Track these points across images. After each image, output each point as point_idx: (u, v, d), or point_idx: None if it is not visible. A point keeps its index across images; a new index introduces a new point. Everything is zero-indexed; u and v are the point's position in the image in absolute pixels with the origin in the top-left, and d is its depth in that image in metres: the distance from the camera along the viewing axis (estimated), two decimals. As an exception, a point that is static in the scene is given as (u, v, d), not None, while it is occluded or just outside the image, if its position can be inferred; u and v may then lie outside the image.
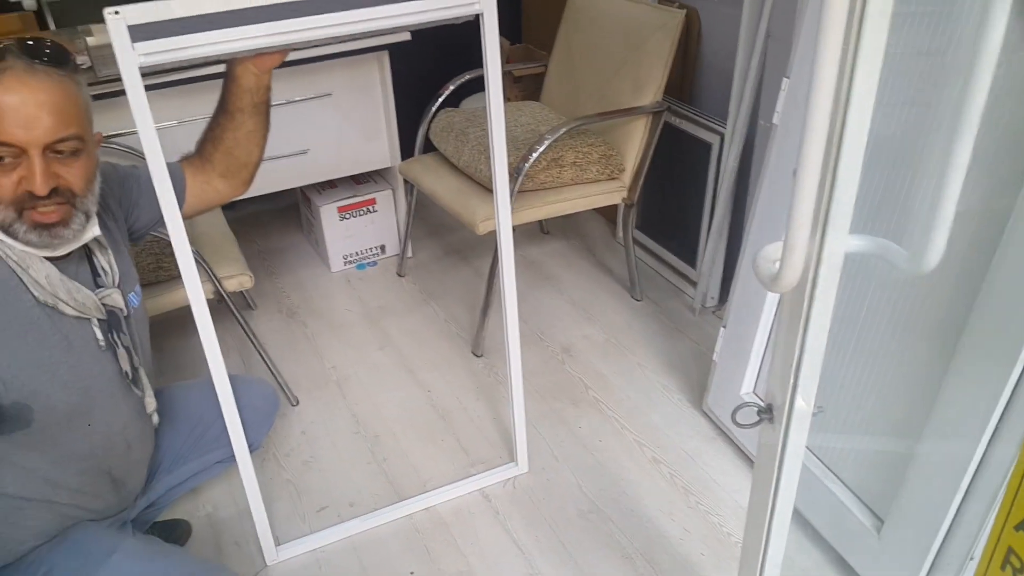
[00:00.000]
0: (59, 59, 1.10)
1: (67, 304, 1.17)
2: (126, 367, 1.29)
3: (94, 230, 1.19)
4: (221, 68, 1.33)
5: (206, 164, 1.40)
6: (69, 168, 1.12)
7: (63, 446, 1.22)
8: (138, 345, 1.34)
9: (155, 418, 1.41)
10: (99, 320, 1.23)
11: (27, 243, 1.11)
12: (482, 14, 1.31)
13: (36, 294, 1.13)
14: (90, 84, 2.00)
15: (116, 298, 1.26)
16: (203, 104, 1.43)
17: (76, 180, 1.13)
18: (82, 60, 2.15)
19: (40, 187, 1.08)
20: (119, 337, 1.27)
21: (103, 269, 1.25)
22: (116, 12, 1.09)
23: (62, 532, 1.27)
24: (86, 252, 1.24)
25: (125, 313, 1.29)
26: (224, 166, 1.40)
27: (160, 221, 1.41)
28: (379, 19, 1.25)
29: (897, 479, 1.35)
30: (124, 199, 1.37)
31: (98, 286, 1.24)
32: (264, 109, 1.36)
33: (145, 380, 1.36)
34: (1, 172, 1.07)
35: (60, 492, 1.25)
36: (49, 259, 1.15)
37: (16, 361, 1.12)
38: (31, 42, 1.08)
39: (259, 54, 1.25)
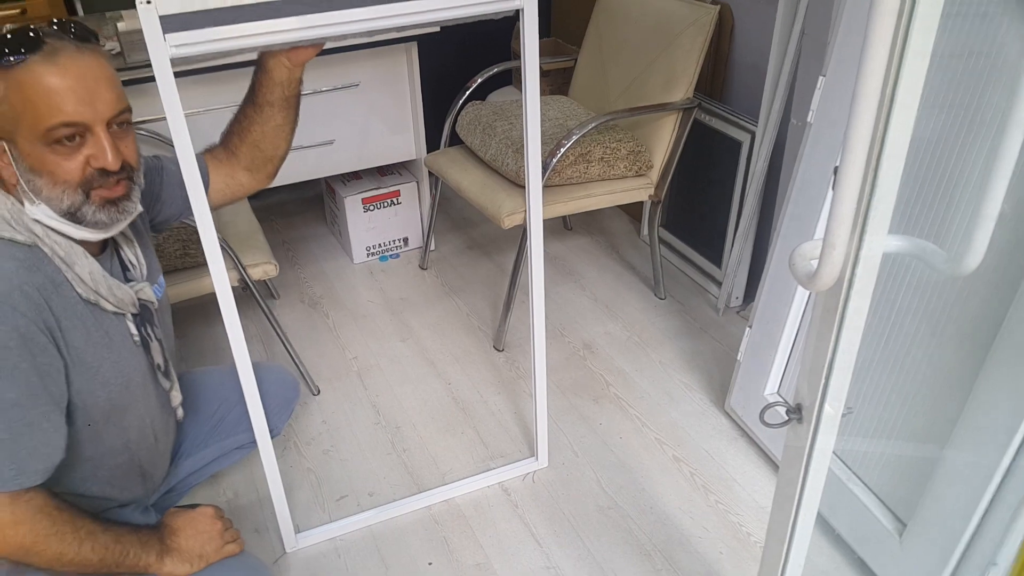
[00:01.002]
0: (90, 36, 1.09)
1: (107, 300, 1.16)
2: (159, 360, 1.30)
3: (138, 206, 1.18)
4: (252, 56, 1.30)
5: (231, 157, 1.39)
6: (125, 142, 1.11)
7: (100, 442, 1.22)
8: (165, 336, 1.34)
9: (180, 412, 1.41)
10: (132, 315, 1.22)
11: (95, 224, 1.11)
12: (522, 9, 1.28)
13: (80, 291, 1.12)
14: (120, 70, 2.03)
15: (147, 292, 1.25)
16: (231, 92, 1.42)
17: (132, 154, 1.13)
18: (112, 46, 2.17)
19: (113, 162, 1.07)
20: (152, 330, 1.27)
21: (131, 263, 1.25)
22: (148, 1, 1.05)
23: None
24: (113, 246, 1.23)
25: (155, 306, 1.29)
26: (249, 159, 1.39)
27: (182, 214, 1.41)
28: (418, 13, 1.22)
29: (921, 483, 1.34)
30: (146, 192, 1.34)
31: (128, 280, 1.24)
32: (295, 103, 1.34)
33: (173, 372, 1.36)
34: (66, 155, 1.05)
35: (92, 485, 1.25)
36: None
37: (68, 359, 1.12)
38: (57, 23, 1.07)
39: (294, 47, 1.23)
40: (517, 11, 1.29)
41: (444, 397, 2.05)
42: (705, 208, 2.39)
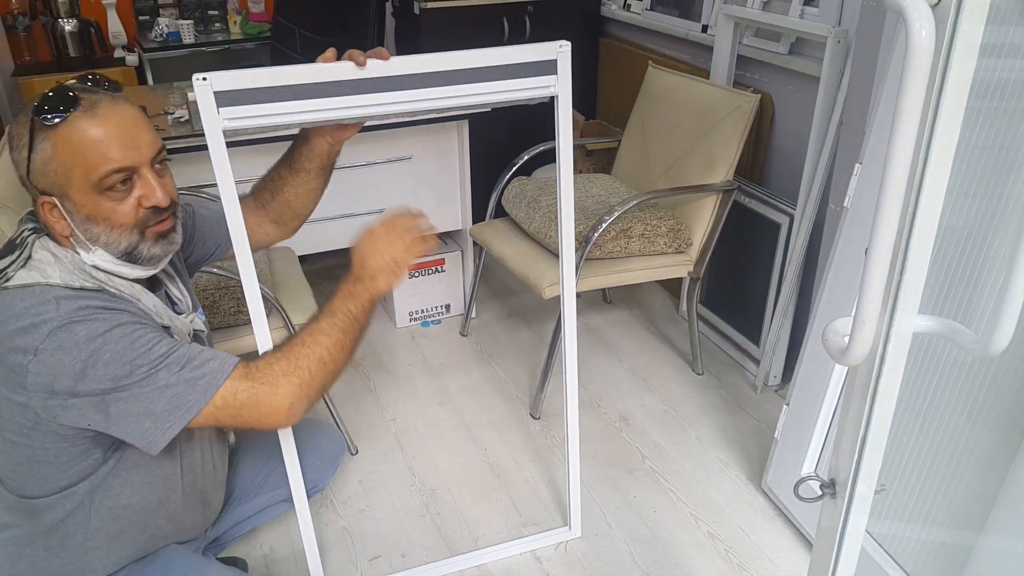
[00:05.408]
0: (118, 88, 1.18)
1: (175, 328, 1.24)
2: None
3: (179, 239, 1.26)
4: (295, 130, 1.40)
5: (260, 209, 1.48)
6: (166, 180, 1.18)
7: (172, 457, 1.27)
8: None
9: (231, 437, 1.47)
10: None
11: (150, 259, 1.17)
12: (557, 96, 1.40)
13: (155, 320, 1.19)
14: (187, 136, 2.17)
15: (197, 321, 1.33)
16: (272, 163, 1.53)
17: (173, 191, 1.20)
18: (180, 113, 2.32)
19: (163, 198, 1.14)
20: None
21: (177, 298, 1.32)
22: (204, 79, 1.19)
23: (154, 552, 1.32)
24: (160, 285, 1.31)
25: (205, 333, 1.36)
26: (278, 214, 1.48)
27: (212, 255, 1.51)
28: (457, 97, 1.33)
29: (959, 568, 1.32)
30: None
31: (178, 313, 1.30)
32: (329, 171, 1.44)
33: None
34: (119, 200, 1.12)
35: (161, 511, 1.30)
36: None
37: None
38: (90, 78, 1.15)
39: (337, 126, 1.34)
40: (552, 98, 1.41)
41: (479, 462, 2.08)
42: (744, 286, 2.43)
